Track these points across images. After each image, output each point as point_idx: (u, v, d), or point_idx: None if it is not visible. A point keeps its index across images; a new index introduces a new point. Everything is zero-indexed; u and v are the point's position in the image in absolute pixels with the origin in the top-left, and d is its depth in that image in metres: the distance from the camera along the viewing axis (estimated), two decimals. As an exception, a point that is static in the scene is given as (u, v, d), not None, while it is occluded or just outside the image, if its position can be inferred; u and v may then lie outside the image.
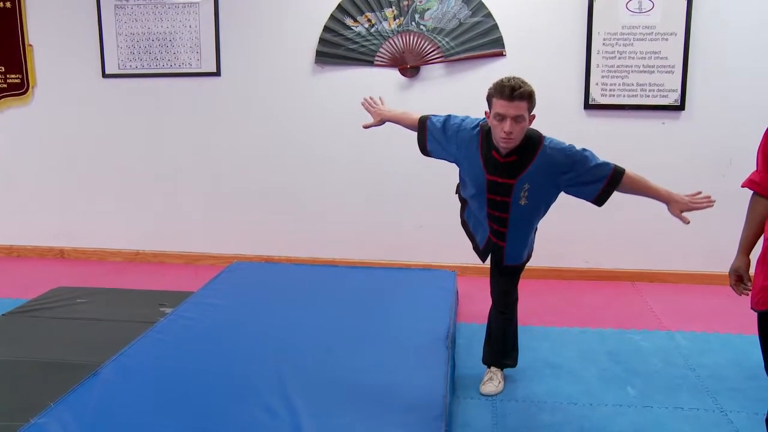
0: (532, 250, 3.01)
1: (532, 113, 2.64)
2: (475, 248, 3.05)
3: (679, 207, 2.59)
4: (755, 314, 2.41)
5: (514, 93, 2.52)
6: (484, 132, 2.75)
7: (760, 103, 4.33)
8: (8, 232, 5.31)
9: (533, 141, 2.69)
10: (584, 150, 2.69)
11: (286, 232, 4.97)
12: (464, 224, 3.11)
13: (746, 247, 2.24)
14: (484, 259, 3.05)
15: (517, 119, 2.55)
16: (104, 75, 4.92)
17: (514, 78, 2.59)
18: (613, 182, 2.66)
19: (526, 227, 2.88)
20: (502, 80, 2.59)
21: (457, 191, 3.08)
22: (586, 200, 2.73)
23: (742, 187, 2.28)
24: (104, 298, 3.92)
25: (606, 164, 2.67)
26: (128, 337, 3.05)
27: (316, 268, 4.22)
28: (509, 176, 2.71)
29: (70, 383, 2.58)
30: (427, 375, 2.61)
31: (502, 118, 2.56)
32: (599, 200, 2.71)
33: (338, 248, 4.89)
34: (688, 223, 2.56)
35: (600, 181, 2.65)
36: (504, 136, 2.58)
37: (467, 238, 3.11)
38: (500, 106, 2.55)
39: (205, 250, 5.08)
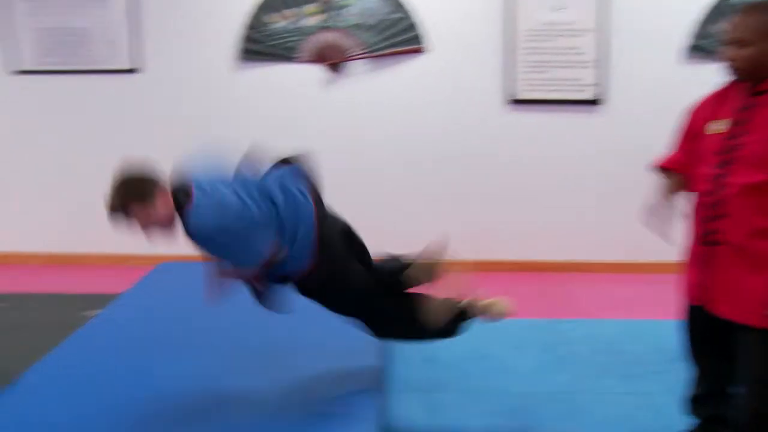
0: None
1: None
2: None
3: None
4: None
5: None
6: None
7: (672, 97, 4.49)
8: None
9: None
10: None
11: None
12: None
13: None
14: None
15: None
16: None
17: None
18: None
19: None
20: None
21: None
22: None
23: (657, 166, 2.39)
24: (22, 303, 3.73)
25: None
26: (49, 343, 2.88)
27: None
28: None
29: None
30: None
31: None
32: None
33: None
34: None
35: None
36: None
37: None
38: None
39: (130, 250, 4.87)
